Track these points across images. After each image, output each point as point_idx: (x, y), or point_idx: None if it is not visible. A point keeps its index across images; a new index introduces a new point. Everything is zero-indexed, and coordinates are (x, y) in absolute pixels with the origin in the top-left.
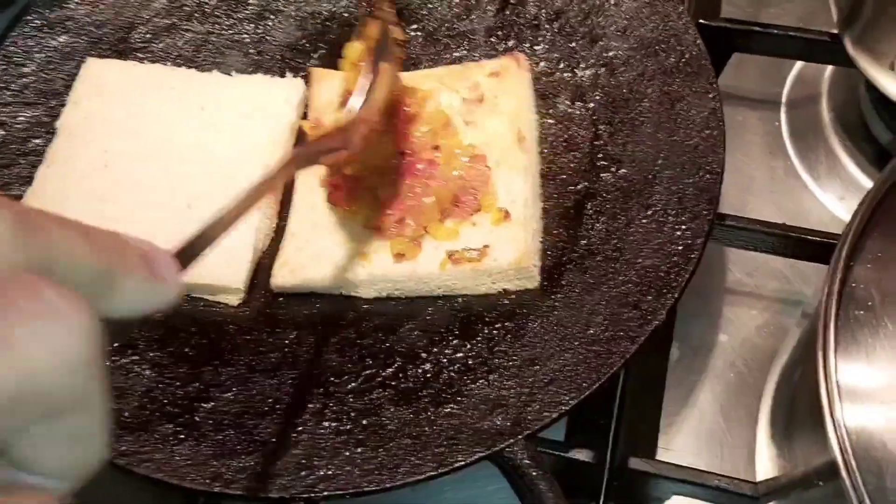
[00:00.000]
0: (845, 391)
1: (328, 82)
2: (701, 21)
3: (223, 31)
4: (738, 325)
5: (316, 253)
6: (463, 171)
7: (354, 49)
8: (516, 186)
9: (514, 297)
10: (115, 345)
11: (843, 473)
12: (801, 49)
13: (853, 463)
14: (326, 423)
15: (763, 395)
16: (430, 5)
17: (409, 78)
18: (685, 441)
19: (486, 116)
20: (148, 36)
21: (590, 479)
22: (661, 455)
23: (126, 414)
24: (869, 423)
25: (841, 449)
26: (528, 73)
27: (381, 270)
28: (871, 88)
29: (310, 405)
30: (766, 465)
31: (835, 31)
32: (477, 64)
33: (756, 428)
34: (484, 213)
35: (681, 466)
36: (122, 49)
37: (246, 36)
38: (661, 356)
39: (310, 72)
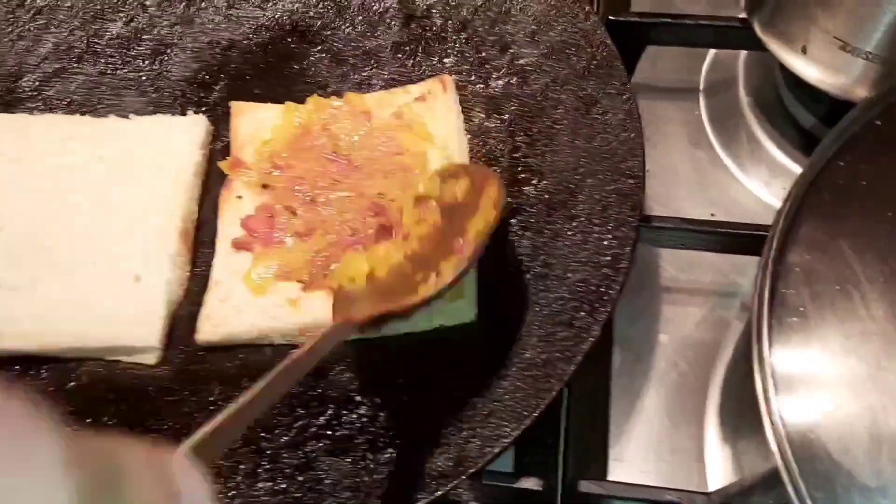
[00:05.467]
0: (784, 390)
1: (249, 115)
2: (611, 17)
3: (117, 71)
4: (677, 323)
5: (240, 303)
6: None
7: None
8: None
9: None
10: None
11: (786, 481)
12: (714, 37)
13: (795, 470)
14: (260, 484)
15: (708, 394)
16: (333, 25)
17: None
18: (636, 450)
19: (415, 144)
20: (37, 83)
21: None
22: (613, 467)
23: None
24: (810, 423)
25: (782, 456)
26: (455, 95)
27: (312, 318)
28: (787, 70)
29: (241, 466)
30: (717, 469)
31: (744, 16)
32: (403, 89)
33: (704, 431)
34: None
35: (631, 485)
36: (9, 101)
37: (142, 74)
38: (604, 364)
39: (229, 105)
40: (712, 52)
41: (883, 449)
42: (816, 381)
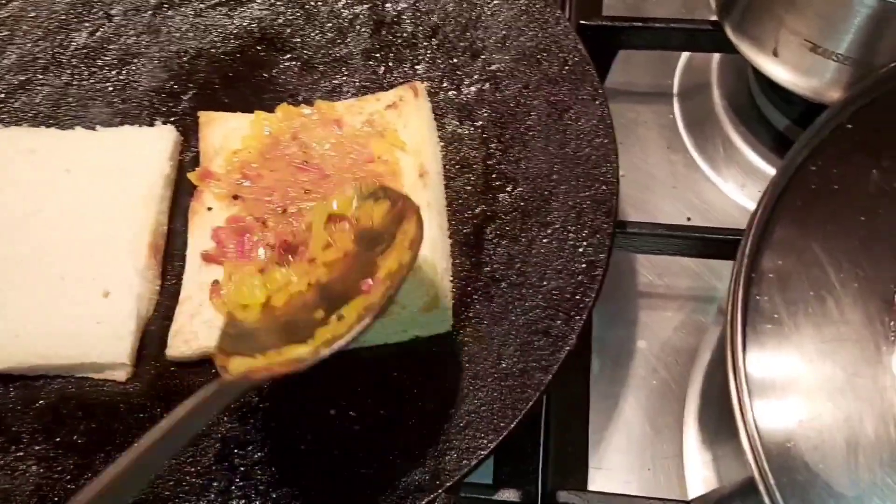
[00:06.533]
0: (759, 398)
1: (219, 125)
2: (582, 22)
3: (83, 82)
4: (654, 328)
5: (211, 317)
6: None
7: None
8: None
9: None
10: None
11: (762, 490)
12: (685, 40)
13: (771, 479)
14: (234, 502)
15: (688, 400)
16: (302, 33)
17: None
18: (616, 458)
19: (387, 152)
20: (1, 96)
21: None
22: (593, 476)
23: None
24: (786, 431)
25: (758, 466)
26: (427, 101)
27: None
28: (759, 73)
29: (214, 483)
30: (696, 476)
31: (716, 19)
32: (374, 96)
33: (683, 437)
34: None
35: (611, 494)
36: None
37: (108, 84)
38: (583, 371)
39: (198, 115)
40: (685, 55)
41: (859, 457)
42: (792, 388)
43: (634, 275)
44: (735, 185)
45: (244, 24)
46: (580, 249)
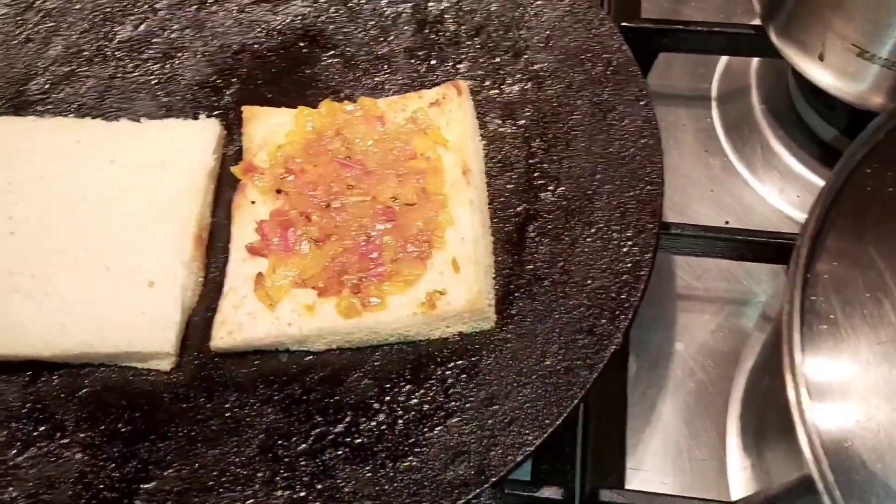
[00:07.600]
0: (816, 398)
1: (262, 120)
2: (623, 24)
3: (128, 74)
4: (693, 331)
5: (255, 309)
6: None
7: None
8: (464, 223)
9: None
10: (42, 428)
11: (822, 490)
12: (727, 44)
13: (831, 479)
14: (279, 493)
15: (729, 403)
16: (345, 30)
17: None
18: (653, 459)
19: (430, 149)
20: (47, 86)
21: None
22: (631, 476)
23: None
24: (843, 431)
25: (817, 466)
26: (470, 100)
27: (329, 323)
28: (800, 77)
29: (258, 474)
30: (739, 478)
31: (758, 23)
32: (416, 94)
33: (725, 439)
34: (436, 254)
35: (653, 494)
36: (18, 103)
37: (153, 77)
38: (620, 372)
39: (241, 110)
40: (724, 59)
41: None
42: (849, 388)
43: (672, 277)
44: (773, 190)
45: (287, 20)
46: (625, 249)
